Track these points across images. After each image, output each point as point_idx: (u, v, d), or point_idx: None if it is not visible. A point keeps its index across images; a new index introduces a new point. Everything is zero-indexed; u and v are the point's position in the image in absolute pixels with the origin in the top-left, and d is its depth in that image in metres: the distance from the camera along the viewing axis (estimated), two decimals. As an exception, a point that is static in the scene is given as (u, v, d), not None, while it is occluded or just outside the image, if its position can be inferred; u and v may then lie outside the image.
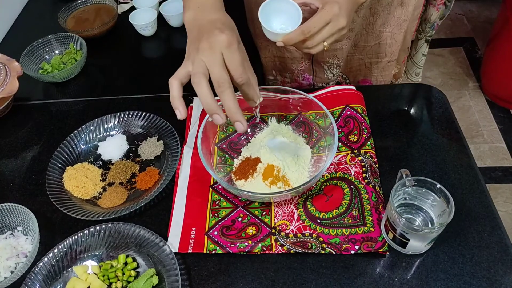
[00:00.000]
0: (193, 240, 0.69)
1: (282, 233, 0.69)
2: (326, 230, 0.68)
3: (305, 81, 1.05)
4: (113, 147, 0.85)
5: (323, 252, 0.66)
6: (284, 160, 0.75)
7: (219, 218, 0.72)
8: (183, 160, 0.80)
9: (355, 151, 0.77)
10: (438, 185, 0.62)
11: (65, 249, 0.69)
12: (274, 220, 0.70)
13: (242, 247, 0.67)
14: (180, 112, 0.58)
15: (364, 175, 0.74)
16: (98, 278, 0.67)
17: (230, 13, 0.65)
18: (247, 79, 0.58)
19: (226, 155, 0.80)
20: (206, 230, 0.70)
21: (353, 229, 0.68)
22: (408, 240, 0.62)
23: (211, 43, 0.56)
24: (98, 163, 0.84)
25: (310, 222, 0.69)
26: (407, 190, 0.65)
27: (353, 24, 0.88)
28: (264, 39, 1.00)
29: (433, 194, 0.64)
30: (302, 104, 0.79)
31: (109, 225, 0.70)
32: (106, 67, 1.11)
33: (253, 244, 0.67)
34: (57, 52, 1.10)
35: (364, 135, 0.79)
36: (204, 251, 0.68)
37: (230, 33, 0.57)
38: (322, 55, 0.95)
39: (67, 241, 0.69)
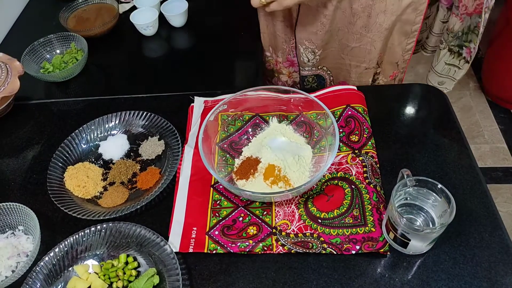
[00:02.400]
0: (194, 239, 0.69)
1: (283, 233, 0.69)
2: (327, 230, 0.68)
3: (296, 58, 1.08)
4: (114, 146, 0.85)
5: (324, 252, 0.66)
6: (285, 160, 0.75)
7: (220, 218, 0.72)
8: (184, 159, 0.80)
9: (356, 151, 0.77)
10: (439, 185, 0.62)
11: (66, 249, 0.69)
12: (275, 220, 0.70)
13: (243, 247, 0.67)
14: None
15: (365, 175, 0.74)
16: (99, 277, 0.67)
17: (234, 10, 0.68)
18: None
19: (227, 155, 0.80)
20: (207, 229, 0.70)
21: (354, 229, 0.67)
22: (409, 240, 0.62)
23: None
24: (99, 162, 0.84)
25: (311, 222, 0.69)
26: (408, 190, 0.65)
27: (326, 10, 0.90)
28: (263, 13, 1.04)
29: (434, 194, 0.64)
30: (303, 104, 0.79)
31: (110, 224, 0.70)
32: (107, 66, 1.11)
33: (254, 244, 0.67)
34: (58, 51, 1.10)
35: (365, 135, 0.79)
36: (205, 251, 0.68)
37: None
38: (300, 36, 0.99)
39: (68, 241, 0.69)
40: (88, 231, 0.70)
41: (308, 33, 0.97)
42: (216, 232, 0.70)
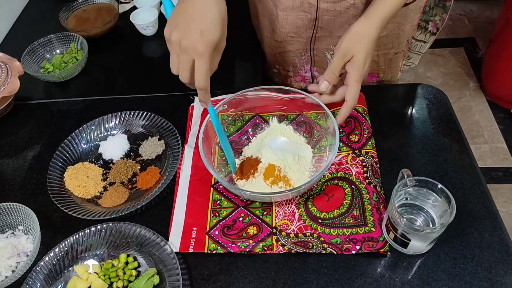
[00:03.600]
0: (194, 239, 0.69)
1: (283, 233, 0.69)
2: (327, 230, 0.68)
3: (308, 73, 1.04)
4: (114, 146, 0.85)
5: (324, 252, 0.66)
6: (285, 160, 0.75)
7: (220, 218, 0.72)
8: (184, 159, 0.80)
9: (356, 151, 0.77)
10: (440, 185, 0.62)
11: (66, 249, 0.69)
12: (275, 220, 0.70)
13: (243, 247, 0.67)
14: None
15: (365, 175, 0.74)
16: (99, 277, 0.67)
17: (234, 8, 0.64)
18: (206, 87, 0.62)
19: (227, 155, 0.80)
20: (207, 229, 0.70)
21: (354, 229, 0.68)
22: (409, 240, 0.62)
23: (187, 48, 0.59)
24: (99, 162, 0.84)
25: (311, 222, 0.69)
26: (408, 190, 0.65)
27: (357, 11, 0.87)
28: (266, 33, 1.01)
29: (434, 194, 0.64)
30: (303, 104, 0.79)
31: (110, 224, 0.70)
32: (107, 66, 1.11)
33: (254, 244, 0.67)
34: (58, 51, 1.10)
35: (365, 135, 0.79)
36: (205, 251, 0.68)
37: (208, 38, 0.59)
38: (327, 43, 0.96)
39: (68, 241, 0.69)
40: (88, 231, 0.70)
41: (336, 38, 0.92)
42: (216, 232, 0.70)
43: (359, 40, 0.71)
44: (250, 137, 0.82)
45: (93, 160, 0.84)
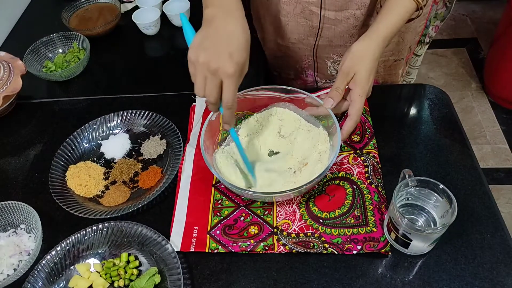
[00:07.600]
0: (195, 239, 0.69)
1: (284, 233, 0.69)
2: (328, 230, 0.68)
3: (310, 78, 1.05)
4: (116, 145, 0.85)
5: (325, 252, 0.66)
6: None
7: (221, 217, 0.72)
8: (186, 159, 0.80)
9: (358, 151, 0.77)
10: (441, 186, 0.62)
11: (67, 247, 0.69)
12: (276, 219, 0.70)
13: (244, 246, 0.67)
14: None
15: (366, 175, 0.74)
16: (100, 276, 0.67)
17: None
18: (233, 107, 0.64)
19: (229, 155, 0.79)
20: (208, 229, 0.70)
21: (355, 229, 0.67)
22: (411, 240, 0.62)
23: (216, 69, 0.60)
24: (101, 161, 0.84)
25: (313, 222, 0.69)
26: (410, 190, 0.65)
27: (357, 21, 0.88)
28: (268, 37, 1.00)
29: (436, 194, 0.64)
30: (305, 104, 0.79)
31: (112, 223, 0.71)
32: (109, 66, 1.11)
33: (255, 243, 0.68)
34: (60, 50, 1.10)
35: (367, 135, 0.79)
36: (206, 250, 0.68)
37: (237, 60, 0.60)
38: (327, 51, 0.95)
39: (70, 239, 0.69)
40: (89, 230, 0.70)
41: (337, 47, 0.94)
42: (218, 232, 0.70)
43: (361, 59, 0.71)
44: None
45: (95, 159, 0.84)
